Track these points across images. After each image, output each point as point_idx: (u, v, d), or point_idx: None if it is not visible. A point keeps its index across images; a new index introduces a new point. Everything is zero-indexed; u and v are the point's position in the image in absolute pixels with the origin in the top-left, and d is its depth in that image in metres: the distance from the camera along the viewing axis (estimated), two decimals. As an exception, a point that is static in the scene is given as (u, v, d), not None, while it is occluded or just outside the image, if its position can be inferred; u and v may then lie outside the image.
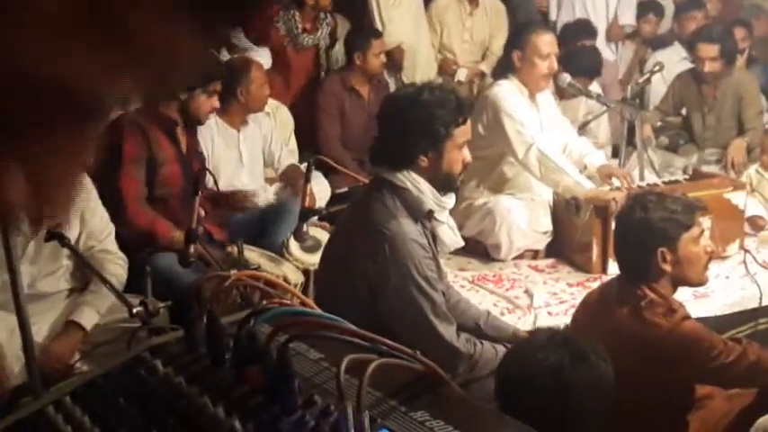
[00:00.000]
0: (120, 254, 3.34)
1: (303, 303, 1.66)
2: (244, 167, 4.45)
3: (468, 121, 2.84)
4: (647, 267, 2.66)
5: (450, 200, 2.91)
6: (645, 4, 6.75)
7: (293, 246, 3.66)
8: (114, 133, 3.62)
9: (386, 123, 2.82)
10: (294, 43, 5.40)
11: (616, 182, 4.38)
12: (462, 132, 2.80)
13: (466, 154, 2.84)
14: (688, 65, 5.63)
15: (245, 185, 4.36)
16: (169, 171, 3.72)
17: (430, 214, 2.84)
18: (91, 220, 3.28)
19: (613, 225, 2.85)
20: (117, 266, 3.27)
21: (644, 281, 2.66)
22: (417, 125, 2.72)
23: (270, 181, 4.58)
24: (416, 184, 2.76)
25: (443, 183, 2.83)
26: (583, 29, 5.88)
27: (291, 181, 4.45)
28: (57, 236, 2.97)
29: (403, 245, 2.68)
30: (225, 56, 4.80)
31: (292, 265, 3.62)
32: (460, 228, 3.67)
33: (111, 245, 3.33)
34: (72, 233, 3.21)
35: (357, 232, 2.80)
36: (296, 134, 5.17)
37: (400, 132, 2.75)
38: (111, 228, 3.37)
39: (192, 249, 3.41)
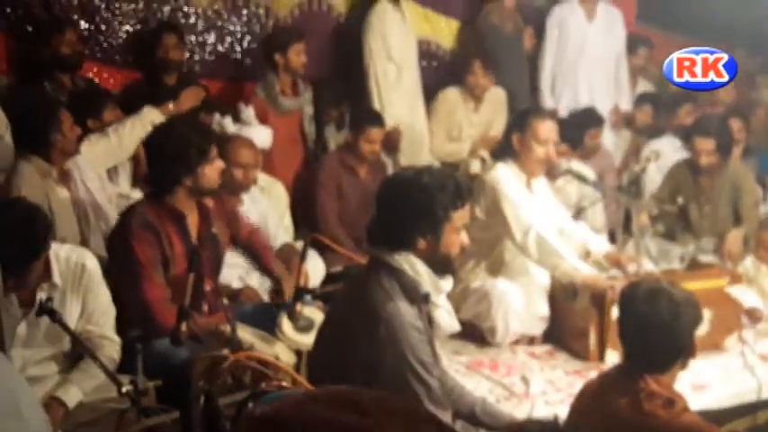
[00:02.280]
0: (117, 339, 3.27)
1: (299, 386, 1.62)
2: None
3: (467, 205, 2.84)
4: (661, 360, 2.64)
5: (447, 283, 2.88)
6: (642, 95, 6.87)
7: (286, 325, 3.60)
8: (124, 234, 3.48)
9: (385, 205, 2.81)
10: (274, 106, 5.44)
11: (613, 271, 4.37)
12: (461, 216, 2.79)
13: (464, 237, 2.83)
14: (684, 154, 5.67)
15: (239, 263, 4.33)
16: (177, 271, 3.52)
17: (426, 297, 2.81)
18: (92, 302, 3.22)
19: (617, 313, 2.82)
20: (113, 352, 3.20)
21: (651, 372, 2.62)
22: (417, 208, 2.71)
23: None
24: (414, 266, 2.74)
25: (441, 265, 2.80)
26: (588, 117, 5.94)
27: (286, 261, 4.41)
28: (47, 311, 2.91)
29: (400, 328, 2.64)
30: (230, 127, 4.85)
31: (284, 346, 3.56)
32: (456, 310, 3.64)
33: (110, 330, 3.26)
34: (71, 313, 3.15)
35: (353, 313, 2.76)
36: (291, 210, 5.18)
37: (399, 214, 2.74)
38: (113, 312, 3.31)
39: (183, 327, 3.37)
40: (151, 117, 4.52)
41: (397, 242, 2.75)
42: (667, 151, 5.91)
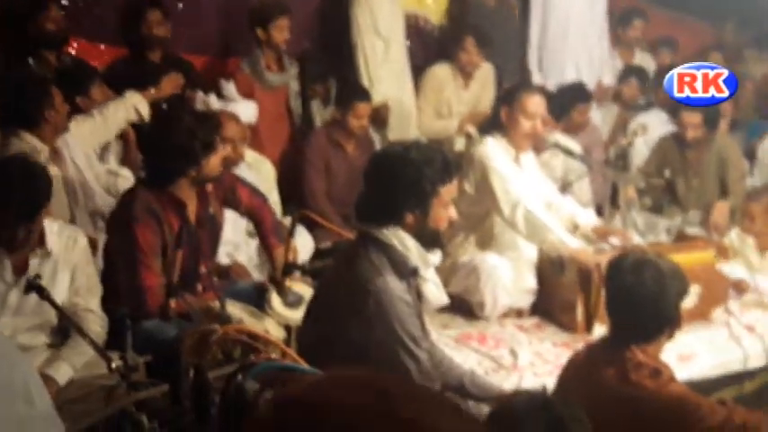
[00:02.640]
0: (102, 314, 3.28)
1: (289, 359, 1.63)
2: (226, 222, 4.42)
3: (455, 180, 2.84)
4: (647, 330, 2.66)
5: (435, 257, 2.89)
6: (628, 68, 6.86)
7: (275, 301, 3.61)
8: (128, 218, 3.44)
9: (373, 180, 2.81)
10: (260, 81, 5.42)
11: (600, 244, 4.40)
12: (449, 190, 2.80)
13: (452, 211, 2.84)
14: (671, 127, 5.69)
15: (228, 240, 4.33)
16: (171, 258, 3.48)
17: (415, 271, 2.82)
18: (81, 277, 3.24)
19: (604, 286, 2.84)
20: (97, 326, 3.22)
21: (637, 342, 2.65)
22: (405, 183, 2.72)
23: (252, 235, 4.54)
24: (402, 240, 2.75)
25: (429, 240, 2.82)
26: (576, 93, 5.93)
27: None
28: (35, 287, 2.92)
29: (389, 302, 2.65)
30: (214, 104, 4.83)
31: (274, 321, 3.58)
32: (445, 284, 3.65)
33: (95, 305, 3.28)
34: (60, 287, 3.16)
35: (342, 288, 2.77)
36: (278, 186, 5.18)
37: (387, 190, 2.75)
38: (99, 289, 3.33)
39: (172, 304, 3.37)
40: (134, 101, 4.56)
41: (385, 217, 2.76)
42: (654, 125, 5.92)
